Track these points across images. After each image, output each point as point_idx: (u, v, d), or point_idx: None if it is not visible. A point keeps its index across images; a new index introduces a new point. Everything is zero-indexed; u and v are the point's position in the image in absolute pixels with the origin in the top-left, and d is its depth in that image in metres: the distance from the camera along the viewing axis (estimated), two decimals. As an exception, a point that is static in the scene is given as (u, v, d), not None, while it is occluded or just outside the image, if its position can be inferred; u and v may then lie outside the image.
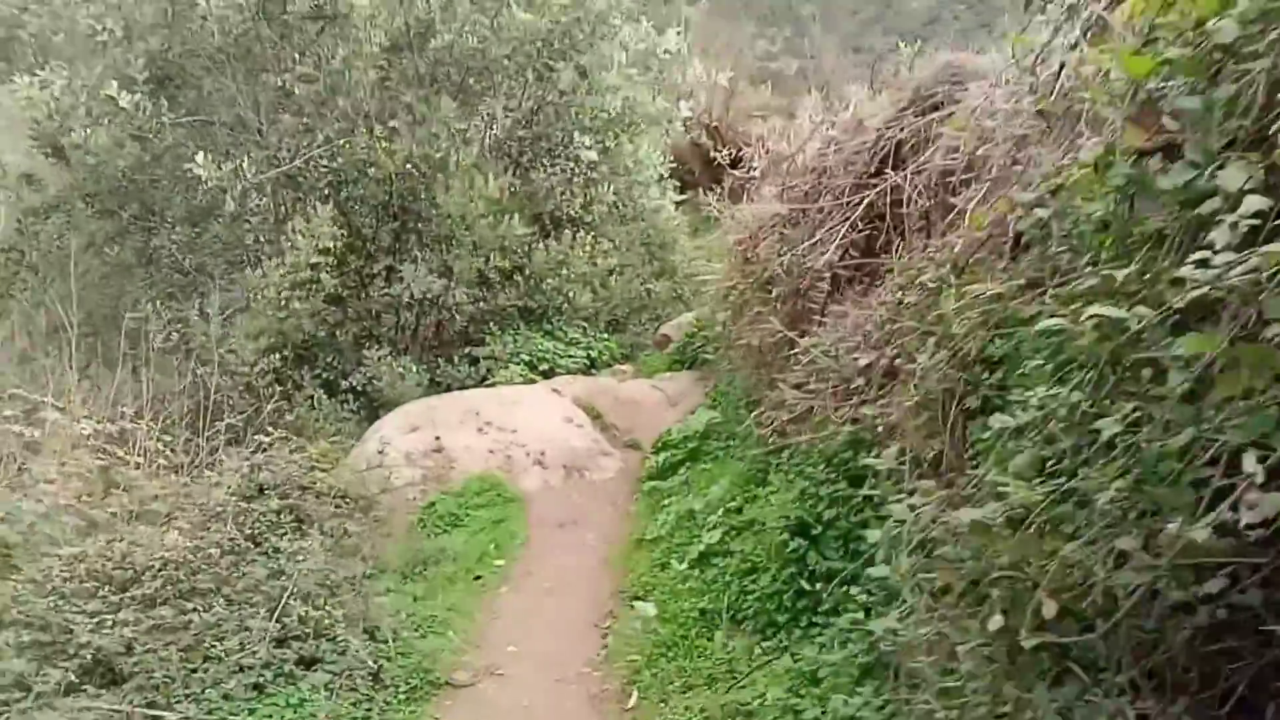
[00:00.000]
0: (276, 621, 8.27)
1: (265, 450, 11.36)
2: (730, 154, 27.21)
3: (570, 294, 17.62)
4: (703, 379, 15.11)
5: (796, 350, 8.17)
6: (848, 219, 8.22)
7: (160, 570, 8.59)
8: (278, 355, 16.38)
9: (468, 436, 14.01)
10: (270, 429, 15.88)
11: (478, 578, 10.57)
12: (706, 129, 28.72)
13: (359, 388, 16.42)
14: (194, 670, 7.65)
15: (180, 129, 17.34)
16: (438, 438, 13.98)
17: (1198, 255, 2.84)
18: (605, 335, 18.17)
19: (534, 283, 17.58)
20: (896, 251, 7.49)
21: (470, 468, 13.44)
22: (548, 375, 16.60)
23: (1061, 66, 5.58)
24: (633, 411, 15.03)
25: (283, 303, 16.07)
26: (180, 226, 18.45)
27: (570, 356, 17.10)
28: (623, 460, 13.97)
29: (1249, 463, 2.74)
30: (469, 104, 18.00)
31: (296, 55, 17.02)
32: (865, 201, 8.06)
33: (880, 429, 5.92)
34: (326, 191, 17.18)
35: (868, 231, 8.20)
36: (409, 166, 16.84)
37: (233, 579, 8.80)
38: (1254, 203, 2.81)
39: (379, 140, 16.32)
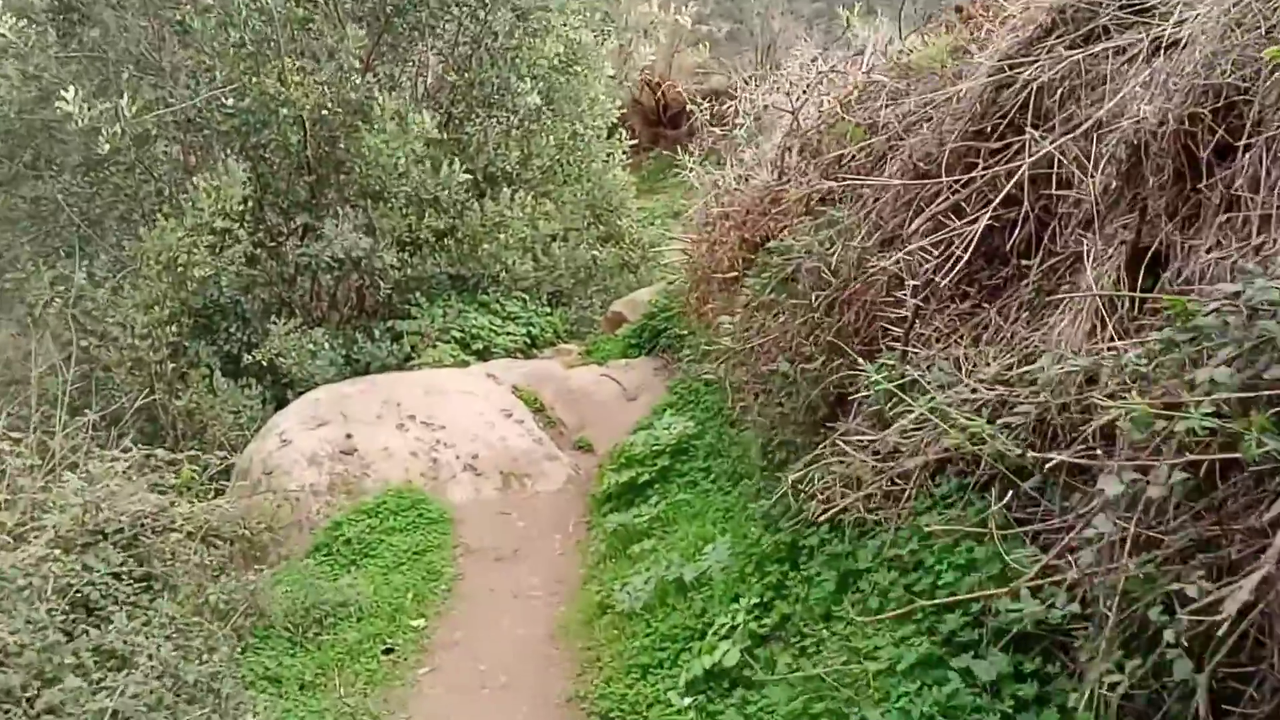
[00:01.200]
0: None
1: (119, 465, 8.04)
2: (677, 110, 23.95)
3: (509, 261, 14.32)
4: (664, 368, 11.93)
5: (863, 394, 5.00)
6: (948, 202, 5.04)
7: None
8: (173, 326, 12.97)
9: (386, 434, 10.84)
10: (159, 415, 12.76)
11: (388, 650, 7.45)
12: (647, 85, 25.55)
13: (265, 363, 13.03)
14: None
15: (75, 64, 13.85)
16: (349, 435, 10.76)
17: None
18: (547, 309, 14.91)
19: (468, 247, 14.28)
20: (1098, 260, 4.29)
21: (388, 475, 10.33)
22: (482, 356, 13.39)
23: None
24: (583, 405, 11.87)
25: (180, 269, 12.66)
26: (73, 175, 14.86)
27: (508, 333, 13.88)
28: (571, 466, 10.84)
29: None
30: (397, 46, 14.63)
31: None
32: (986, 177, 4.87)
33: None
34: (231, 137, 13.73)
35: (985, 221, 4.99)
36: (325, 112, 13.46)
37: (31, 691, 5.59)
38: None
39: (290, 76, 12.92)
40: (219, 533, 7.86)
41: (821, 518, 5.05)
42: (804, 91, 8.84)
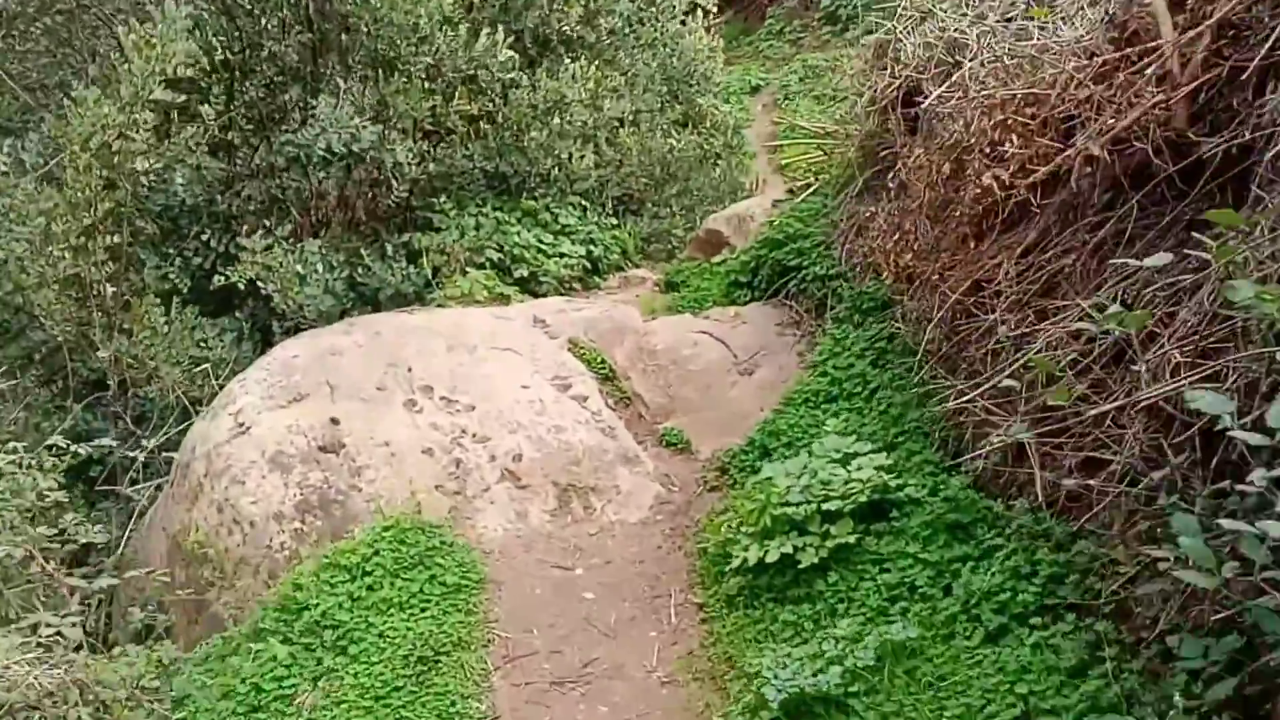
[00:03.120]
0: None
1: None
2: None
3: (564, 153, 10.08)
4: (794, 326, 7.78)
5: None
6: None
7: None
8: (114, 235, 8.95)
9: (390, 418, 7.01)
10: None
11: None
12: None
13: (242, 289, 8.99)
14: None
15: None
16: (335, 420, 6.80)
17: None
18: (613, 220, 10.67)
19: (510, 135, 10.04)
20: None
21: (388, 489, 6.60)
22: (526, 286, 9.35)
23: None
24: (672, 376, 7.84)
25: (115, 156, 8.60)
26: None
27: (561, 255, 9.75)
28: (660, 478, 6.90)
29: None
30: None
31: None
32: None
33: None
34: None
35: None
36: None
37: None
38: None
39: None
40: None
41: None
42: None
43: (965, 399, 4.58)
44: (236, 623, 5.85)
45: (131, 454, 7.88)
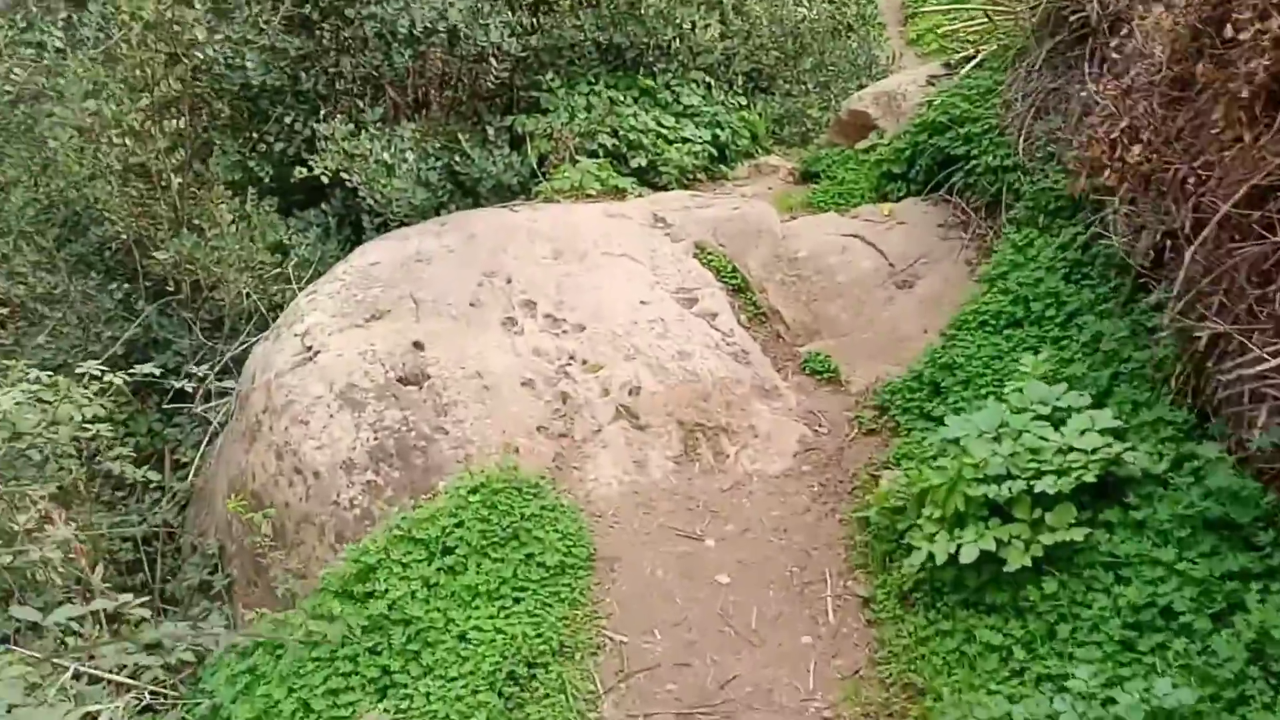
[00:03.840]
0: None
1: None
2: None
3: (686, 23, 8.60)
4: (961, 226, 6.32)
5: None
6: None
7: None
8: (179, 120, 7.74)
9: (484, 342, 5.85)
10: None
11: None
12: None
13: (327, 180, 7.73)
14: None
15: None
16: (419, 344, 5.54)
17: None
18: (741, 98, 9.14)
19: (625, 2, 8.54)
20: None
21: (479, 432, 5.41)
22: (644, 178, 7.92)
23: None
24: (815, 288, 6.47)
25: (175, 30, 7.39)
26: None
27: (684, 140, 8.34)
28: (802, 413, 5.62)
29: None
30: None
31: None
32: None
33: None
34: None
35: None
36: None
37: None
38: None
39: None
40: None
41: None
42: None
43: (1267, 364, 3.12)
44: (295, 596, 4.68)
45: (191, 372, 6.71)
